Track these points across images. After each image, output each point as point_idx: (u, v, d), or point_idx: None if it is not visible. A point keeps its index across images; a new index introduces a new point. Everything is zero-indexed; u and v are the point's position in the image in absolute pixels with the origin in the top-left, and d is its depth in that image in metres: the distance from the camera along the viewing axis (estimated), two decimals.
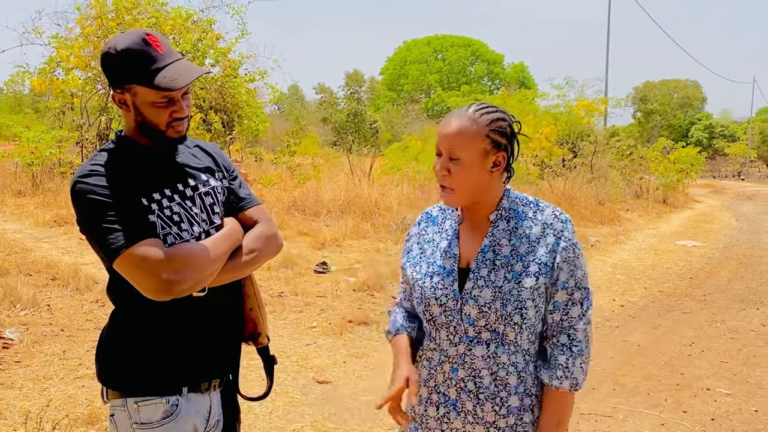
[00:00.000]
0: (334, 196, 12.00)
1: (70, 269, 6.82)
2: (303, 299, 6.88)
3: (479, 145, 1.72)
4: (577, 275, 1.76)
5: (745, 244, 12.61)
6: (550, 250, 1.74)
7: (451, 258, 1.82)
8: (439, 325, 1.80)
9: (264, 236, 1.97)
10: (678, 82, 61.17)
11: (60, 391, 4.40)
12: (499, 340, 1.74)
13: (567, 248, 1.75)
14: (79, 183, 1.75)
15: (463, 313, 1.75)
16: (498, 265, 1.75)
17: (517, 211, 1.81)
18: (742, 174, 44.09)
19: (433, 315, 1.80)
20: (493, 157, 1.75)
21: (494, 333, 1.73)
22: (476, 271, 1.76)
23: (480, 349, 1.75)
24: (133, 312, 1.83)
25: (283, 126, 24.05)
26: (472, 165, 1.73)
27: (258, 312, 2.05)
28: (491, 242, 1.79)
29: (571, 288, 1.75)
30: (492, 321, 1.72)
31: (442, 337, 1.80)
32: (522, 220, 1.79)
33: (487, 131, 1.72)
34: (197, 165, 1.97)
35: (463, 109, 1.78)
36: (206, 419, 1.90)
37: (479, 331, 1.74)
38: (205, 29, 14.83)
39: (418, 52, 56.75)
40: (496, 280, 1.73)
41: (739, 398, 4.77)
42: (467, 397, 1.77)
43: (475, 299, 1.73)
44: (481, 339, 1.74)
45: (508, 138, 1.76)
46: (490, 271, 1.75)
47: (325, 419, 4.22)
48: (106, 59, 1.79)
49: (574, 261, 1.76)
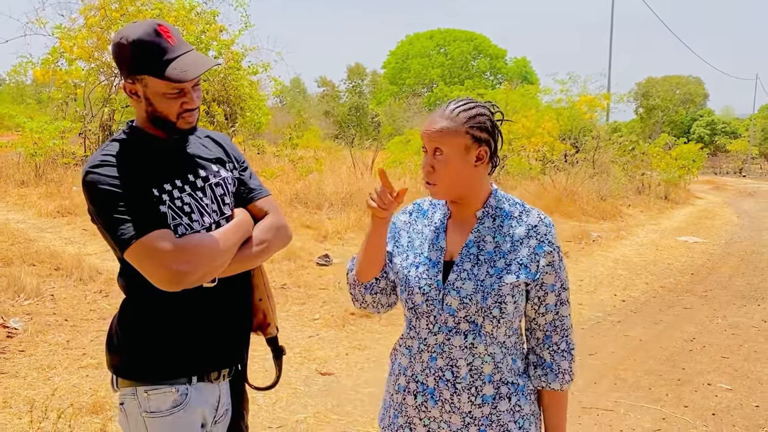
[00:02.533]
0: (337, 189, 12.01)
1: (74, 259, 6.84)
2: (305, 291, 6.90)
3: (459, 141, 1.78)
4: (562, 276, 1.85)
5: (747, 240, 12.62)
6: (532, 252, 1.81)
7: (437, 250, 1.88)
8: (420, 314, 1.84)
9: (274, 227, 1.99)
10: (680, 79, 61.05)
11: (64, 381, 4.43)
12: (476, 331, 1.78)
13: (551, 252, 1.82)
14: (90, 173, 1.76)
15: (445, 303, 1.80)
16: (481, 260, 1.81)
17: (504, 209, 1.87)
18: (744, 171, 44.06)
19: (415, 303, 1.85)
20: (475, 152, 1.80)
21: (473, 324, 1.78)
22: (460, 264, 1.82)
23: (458, 339, 1.79)
24: (143, 301, 1.85)
25: (285, 119, 24.01)
26: (453, 160, 1.79)
27: (267, 302, 2.06)
28: (476, 238, 1.84)
29: (558, 289, 1.84)
30: (472, 312, 1.77)
31: (422, 326, 1.85)
32: (507, 219, 1.85)
33: (465, 128, 1.78)
34: (208, 156, 1.98)
35: (443, 107, 1.85)
36: (215, 408, 1.92)
37: (458, 321, 1.79)
38: (209, 21, 14.84)
39: (420, 46, 56.62)
40: (478, 274, 1.79)
41: (740, 394, 4.79)
42: (445, 386, 1.81)
43: (457, 290, 1.79)
44: (460, 329, 1.79)
45: (489, 131, 1.82)
46: (474, 265, 1.81)
47: (328, 410, 4.24)
48: (117, 49, 1.80)
49: (559, 264, 1.84)
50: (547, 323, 1.85)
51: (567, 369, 1.86)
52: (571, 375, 1.87)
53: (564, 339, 1.86)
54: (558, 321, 1.85)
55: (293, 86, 48.78)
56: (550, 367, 1.86)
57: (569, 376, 1.86)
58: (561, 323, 1.85)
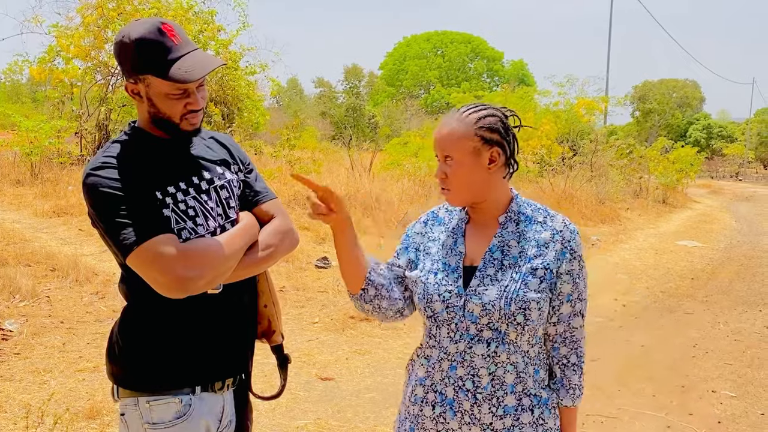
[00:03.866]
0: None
1: (70, 260, 6.75)
2: (304, 294, 6.84)
3: (468, 143, 1.73)
4: (580, 287, 1.79)
5: (746, 245, 12.60)
6: (556, 257, 1.75)
7: (456, 255, 1.82)
8: (441, 322, 1.78)
9: (280, 231, 1.92)
10: (677, 82, 61.11)
11: (60, 385, 4.35)
12: (500, 339, 1.73)
13: (573, 260, 1.77)
14: (91, 175, 1.69)
15: (466, 310, 1.74)
16: (506, 265, 1.75)
17: (527, 214, 1.82)
18: (740, 175, 44.11)
19: (434, 311, 1.78)
20: (487, 154, 1.75)
21: (496, 332, 1.73)
22: (483, 270, 1.76)
23: (480, 348, 1.73)
24: (146, 308, 1.78)
25: (282, 119, 23.93)
26: (464, 165, 1.75)
27: (273, 309, 2.00)
28: (500, 242, 1.79)
29: (574, 300, 1.79)
30: (495, 319, 1.71)
31: (442, 335, 1.78)
32: (531, 224, 1.80)
33: (474, 129, 1.73)
34: (212, 157, 1.91)
35: (453, 111, 1.81)
36: (219, 419, 1.86)
37: (481, 329, 1.73)
38: (207, 21, 14.76)
39: (417, 48, 56.58)
40: (502, 279, 1.74)
41: (744, 401, 4.74)
42: (465, 397, 1.74)
43: (479, 296, 1.73)
44: (482, 337, 1.73)
45: (500, 133, 1.76)
46: (497, 270, 1.75)
47: (329, 417, 4.17)
48: (119, 48, 1.74)
49: (579, 273, 1.78)
50: (557, 333, 1.80)
51: (577, 384, 1.82)
52: (581, 389, 1.83)
53: (574, 352, 1.81)
54: (569, 332, 1.80)
55: (290, 87, 48.68)
56: (561, 382, 1.81)
57: (579, 391, 1.82)
58: (571, 335, 1.80)
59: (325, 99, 43.61)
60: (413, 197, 12.39)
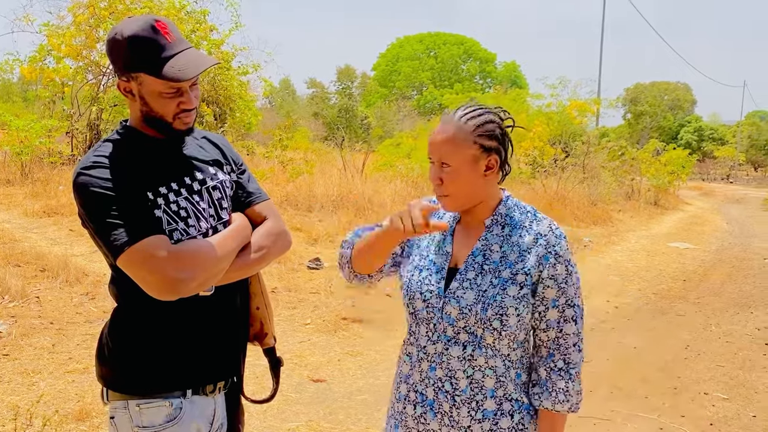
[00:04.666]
0: (327, 192, 11.91)
1: (60, 261, 6.70)
2: (296, 295, 6.81)
3: (467, 151, 1.70)
4: (569, 293, 1.74)
5: (737, 247, 12.64)
6: (537, 262, 1.72)
7: (442, 256, 1.81)
8: (420, 320, 1.78)
9: (273, 233, 1.90)
10: (668, 85, 61.34)
11: (49, 386, 4.31)
12: (476, 343, 1.71)
13: (557, 265, 1.72)
14: (81, 175, 1.67)
15: (444, 312, 1.73)
16: (486, 270, 1.74)
17: (513, 218, 1.79)
18: (731, 177, 44.31)
19: (415, 309, 1.79)
20: (485, 162, 1.72)
21: (472, 335, 1.71)
22: (464, 273, 1.75)
23: (456, 350, 1.72)
24: (136, 310, 1.75)
25: (274, 120, 23.88)
26: (462, 171, 1.71)
27: (265, 311, 1.98)
28: (483, 246, 1.77)
29: (561, 305, 1.73)
30: (471, 323, 1.70)
31: (421, 333, 1.78)
32: (517, 228, 1.77)
33: (474, 137, 1.70)
34: (205, 158, 1.89)
35: (450, 114, 1.76)
36: (210, 423, 1.83)
37: (458, 331, 1.72)
38: (199, 20, 14.73)
39: (410, 49, 56.59)
40: (481, 283, 1.72)
41: (736, 403, 4.74)
42: (444, 398, 1.73)
43: (457, 299, 1.72)
44: (459, 340, 1.72)
45: (498, 139, 1.74)
46: (477, 275, 1.74)
47: (321, 419, 4.15)
48: (111, 45, 1.71)
49: (566, 278, 1.73)
50: (549, 340, 1.76)
51: (562, 388, 1.73)
52: (566, 395, 1.73)
53: (562, 357, 1.74)
54: (561, 339, 1.74)
55: (282, 87, 48.61)
56: (545, 384, 1.75)
57: (564, 396, 1.73)
58: (565, 341, 1.75)
59: (318, 100, 43.56)
60: (405, 198, 12.36)
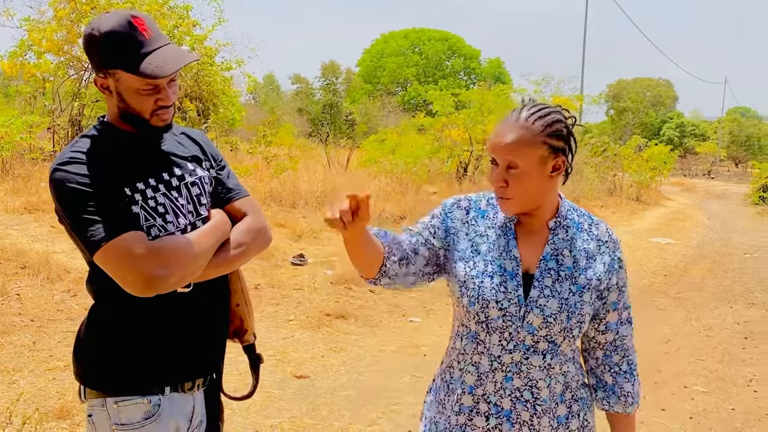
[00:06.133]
0: (312, 188, 11.90)
1: (41, 258, 6.64)
2: (280, 292, 6.79)
3: (536, 152, 1.63)
4: (625, 295, 1.77)
5: (718, 242, 12.77)
6: (606, 269, 1.72)
7: (512, 260, 1.71)
8: (493, 329, 1.69)
9: (253, 229, 1.89)
10: (650, 81, 61.81)
11: (30, 384, 4.28)
12: (554, 351, 1.69)
13: (620, 270, 1.75)
14: (58, 170, 1.65)
15: (526, 321, 1.66)
16: (562, 276, 1.69)
17: (574, 221, 1.76)
18: (712, 173, 44.68)
19: (488, 317, 1.69)
20: (552, 162, 1.66)
21: (552, 344, 1.68)
22: (540, 280, 1.69)
23: (537, 359, 1.68)
24: (114, 307, 1.74)
25: (258, 116, 23.76)
26: (530, 174, 1.64)
27: (245, 308, 1.97)
28: (553, 251, 1.71)
29: (620, 308, 1.76)
30: (554, 332, 1.66)
31: (493, 342, 1.70)
32: (579, 232, 1.74)
33: (543, 138, 1.63)
34: (183, 153, 1.88)
35: (514, 115, 1.68)
36: (189, 420, 1.82)
37: (537, 340, 1.67)
38: (182, 16, 14.59)
39: (395, 45, 56.50)
40: (561, 291, 1.67)
41: (715, 396, 4.80)
42: (523, 408, 1.69)
43: (540, 308, 1.66)
44: (538, 349, 1.68)
45: (565, 139, 1.68)
46: (555, 281, 1.68)
47: (303, 415, 4.15)
48: (88, 41, 1.70)
49: (625, 281, 1.77)
50: (607, 342, 1.77)
51: (630, 391, 1.78)
52: (635, 397, 1.79)
53: (625, 359, 1.77)
54: (619, 341, 1.76)
55: (266, 83, 48.41)
56: (613, 389, 1.78)
57: (632, 398, 1.79)
58: (622, 343, 1.77)
59: (302, 95, 43.42)
60: (390, 194, 12.39)
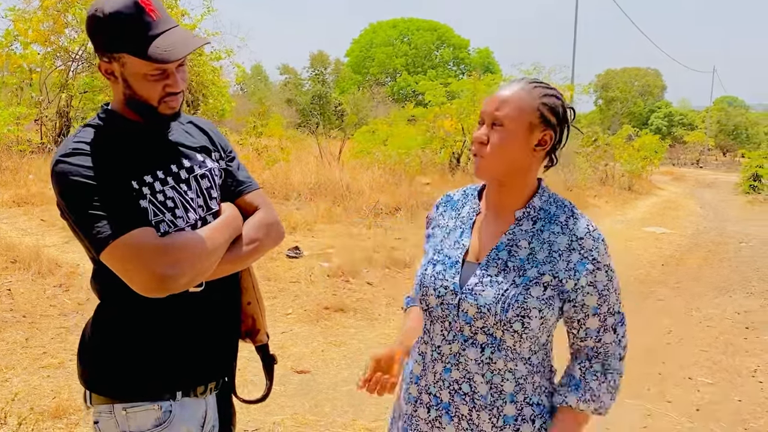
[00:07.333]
0: (305, 179, 11.77)
1: (32, 252, 6.50)
2: (276, 285, 6.69)
3: (527, 116, 1.58)
4: (610, 300, 1.62)
5: (712, 231, 12.76)
6: (571, 267, 1.58)
7: (459, 248, 1.67)
8: (435, 318, 1.66)
9: (265, 224, 1.79)
10: (639, 71, 61.84)
11: (23, 382, 4.16)
12: (495, 345, 1.58)
13: (596, 271, 1.59)
14: (61, 162, 1.54)
15: (461, 310, 1.60)
16: (510, 267, 1.59)
17: (548, 212, 1.64)
18: (701, 162, 44.83)
19: (429, 305, 1.66)
20: (540, 135, 1.60)
21: (491, 337, 1.58)
22: (484, 268, 1.61)
23: (474, 352, 1.60)
24: (121, 306, 1.64)
25: (247, 107, 23.54)
26: (514, 137, 1.58)
27: (257, 306, 1.88)
28: (509, 241, 1.63)
29: (603, 314, 1.62)
30: (490, 324, 1.57)
31: (435, 331, 1.66)
32: (550, 224, 1.62)
33: (538, 103, 1.58)
34: (192, 144, 1.77)
35: (517, 79, 1.66)
36: (201, 425, 1.73)
37: (475, 332, 1.59)
38: (170, 5, 14.43)
39: (384, 35, 56.23)
40: (503, 281, 1.57)
41: (721, 387, 4.74)
42: (461, 401, 1.62)
43: (474, 297, 1.58)
44: (476, 341, 1.60)
45: (558, 118, 1.62)
46: (500, 272, 1.59)
47: (306, 411, 4.06)
48: (91, 23, 1.58)
49: (607, 285, 1.60)
50: (587, 348, 1.65)
51: (593, 389, 1.63)
52: (596, 399, 1.62)
53: (602, 363, 1.65)
54: (601, 348, 1.64)
55: (255, 74, 48.02)
56: (578, 384, 1.65)
57: (591, 396, 1.62)
58: (605, 351, 1.64)
59: (291, 86, 43.13)
60: (383, 186, 12.28)
